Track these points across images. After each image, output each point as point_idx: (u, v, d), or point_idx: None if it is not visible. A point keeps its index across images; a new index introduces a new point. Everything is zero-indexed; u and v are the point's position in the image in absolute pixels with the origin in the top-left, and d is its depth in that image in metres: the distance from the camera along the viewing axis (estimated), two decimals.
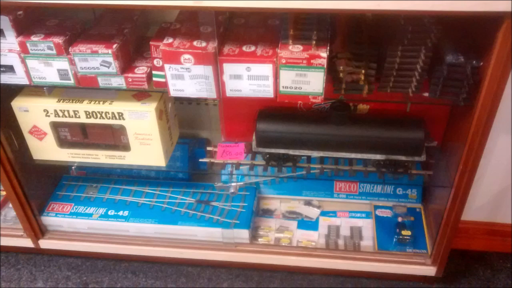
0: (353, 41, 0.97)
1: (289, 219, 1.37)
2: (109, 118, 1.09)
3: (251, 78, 0.95)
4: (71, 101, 1.10)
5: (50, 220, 1.32)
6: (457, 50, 0.91)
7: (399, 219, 1.32)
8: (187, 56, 0.93)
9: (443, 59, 0.91)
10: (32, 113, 1.11)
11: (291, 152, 1.15)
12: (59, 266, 1.38)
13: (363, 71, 0.95)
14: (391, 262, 1.22)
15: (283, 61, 0.90)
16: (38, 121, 1.13)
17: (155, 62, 0.98)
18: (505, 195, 1.28)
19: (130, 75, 1.01)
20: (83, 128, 1.16)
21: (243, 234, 1.27)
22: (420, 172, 1.21)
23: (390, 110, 1.17)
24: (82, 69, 1.00)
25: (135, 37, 1.08)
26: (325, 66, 0.90)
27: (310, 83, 0.93)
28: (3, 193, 1.40)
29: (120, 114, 1.08)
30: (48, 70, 1.01)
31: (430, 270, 1.21)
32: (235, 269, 1.35)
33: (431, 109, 1.15)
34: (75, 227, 1.32)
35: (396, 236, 1.28)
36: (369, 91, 0.97)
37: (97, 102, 1.09)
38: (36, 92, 1.13)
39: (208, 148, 1.32)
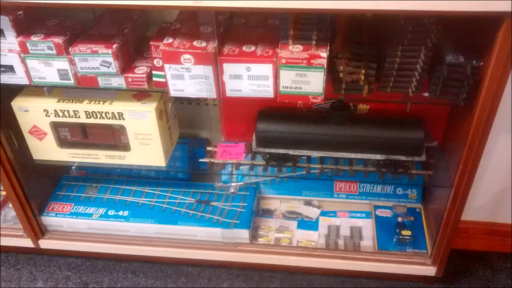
0: (353, 41, 0.97)
1: (289, 219, 1.37)
2: (109, 118, 1.09)
3: (251, 78, 0.95)
4: (71, 101, 1.10)
5: (50, 220, 1.32)
6: (457, 50, 0.91)
7: (399, 219, 1.32)
8: (187, 56, 0.93)
9: (443, 59, 0.91)
10: (32, 113, 1.11)
11: (291, 152, 1.15)
12: (59, 266, 1.38)
13: (363, 71, 0.95)
14: (391, 262, 1.22)
15: (283, 61, 0.90)
16: (38, 121, 1.13)
17: (155, 62, 0.98)
18: (505, 195, 1.28)
19: (130, 75, 1.01)
20: (83, 128, 1.16)
21: (243, 234, 1.27)
22: (420, 172, 1.21)
23: (390, 110, 1.17)
24: (82, 69, 1.00)
25: (135, 37, 1.08)
26: (325, 66, 0.90)
27: (310, 83, 0.93)
28: (3, 193, 1.40)
29: (120, 114, 1.08)
30: (48, 70, 1.01)
31: (430, 270, 1.21)
32: (235, 269, 1.35)
33: (431, 109, 1.15)
34: (75, 227, 1.32)
35: (396, 236, 1.28)
36: (369, 91, 0.97)
37: (97, 102, 1.09)
38: (36, 92, 1.13)
39: (208, 148, 1.32)
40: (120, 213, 1.32)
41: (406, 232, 1.27)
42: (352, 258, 1.24)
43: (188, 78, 0.96)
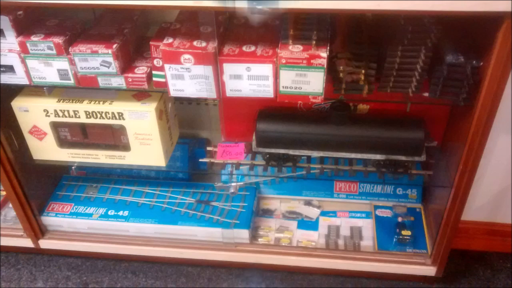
0: (353, 41, 0.97)
1: (289, 219, 1.37)
2: (109, 118, 1.09)
3: (251, 78, 0.95)
4: (71, 101, 1.10)
5: (50, 220, 1.32)
6: (457, 50, 0.91)
7: (399, 219, 1.32)
8: (187, 56, 0.93)
9: (443, 59, 0.91)
10: (32, 113, 1.11)
11: (291, 152, 1.15)
12: (59, 266, 1.38)
13: (363, 71, 0.95)
14: (391, 262, 1.22)
15: (283, 61, 0.90)
16: (38, 121, 1.13)
17: (155, 62, 0.98)
18: (505, 195, 1.28)
19: (130, 75, 1.01)
20: (83, 128, 1.16)
21: (243, 234, 1.27)
22: (420, 172, 1.21)
23: (390, 110, 1.17)
24: (82, 69, 1.00)
25: (135, 37, 1.08)
26: (325, 66, 0.90)
27: (310, 83, 0.93)
28: (3, 193, 1.40)
29: (120, 114, 1.08)
30: (48, 70, 1.01)
31: (430, 270, 1.21)
32: (235, 269, 1.35)
33: (431, 109, 1.15)
34: (75, 227, 1.32)
35: (396, 236, 1.28)
36: (369, 91, 0.97)
37: (97, 102, 1.09)
38: (36, 92, 1.13)
39: (208, 148, 1.32)
40: (120, 213, 1.32)
41: (406, 232, 1.27)
42: (352, 258, 1.24)
43: (188, 78, 0.96)
